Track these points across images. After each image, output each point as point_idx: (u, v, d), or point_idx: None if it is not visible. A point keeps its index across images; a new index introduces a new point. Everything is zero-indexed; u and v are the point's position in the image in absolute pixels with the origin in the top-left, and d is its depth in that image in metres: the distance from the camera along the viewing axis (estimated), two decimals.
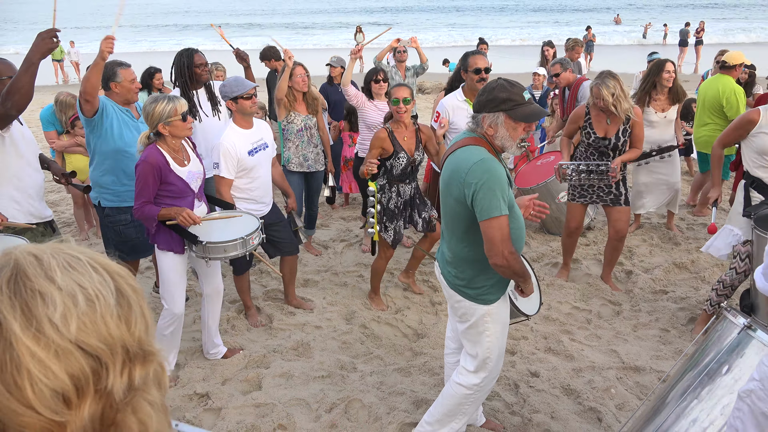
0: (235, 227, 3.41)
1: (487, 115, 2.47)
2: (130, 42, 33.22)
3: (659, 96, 5.33)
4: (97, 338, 0.69)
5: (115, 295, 0.73)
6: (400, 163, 4.12)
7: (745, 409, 1.83)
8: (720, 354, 2.35)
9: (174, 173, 3.26)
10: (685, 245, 5.51)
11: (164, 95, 3.23)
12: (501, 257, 2.41)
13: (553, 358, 3.81)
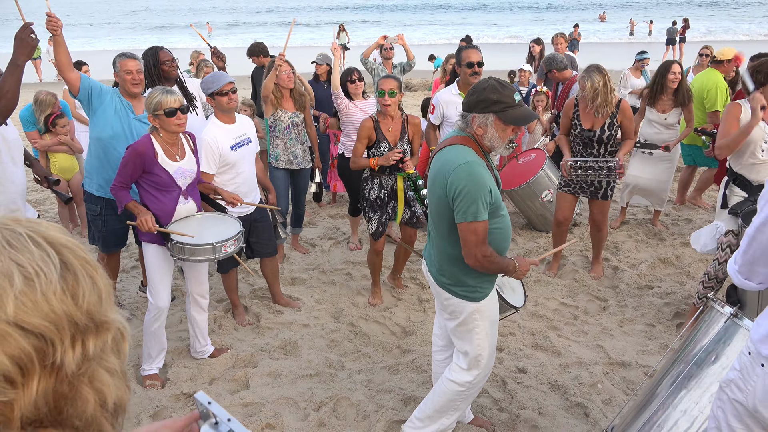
0: (213, 230, 3.36)
1: (477, 116, 2.47)
2: (114, 41, 32.90)
3: (663, 97, 5.37)
4: (38, 317, 0.67)
5: (59, 269, 0.71)
6: (381, 152, 4.13)
7: (725, 399, 1.86)
8: (708, 343, 2.38)
9: (160, 165, 3.26)
10: (670, 241, 5.57)
11: (164, 88, 3.25)
12: (474, 260, 2.46)
13: (540, 354, 3.83)
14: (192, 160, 3.44)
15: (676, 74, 5.26)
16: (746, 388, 1.76)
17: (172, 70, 4.41)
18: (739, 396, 1.78)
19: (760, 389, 1.72)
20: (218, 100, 3.72)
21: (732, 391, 1.82)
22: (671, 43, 20.72)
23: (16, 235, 0.72)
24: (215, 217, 3.55)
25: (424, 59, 14.95)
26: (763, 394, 1.71)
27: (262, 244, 4.20)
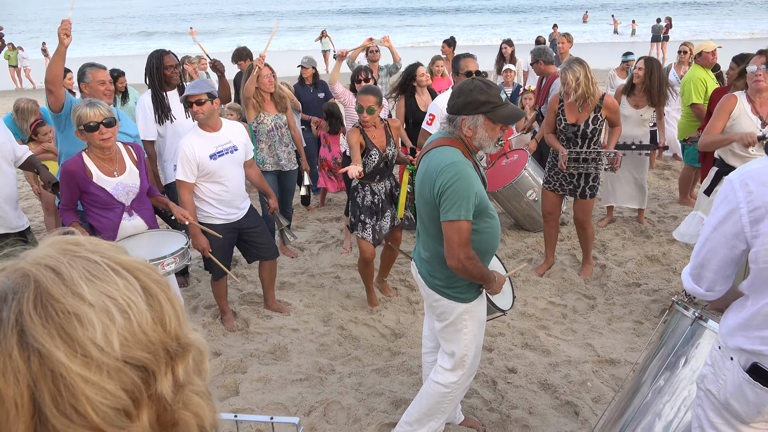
0: (156, 248, 3.23)
1: (466, 118, 2.47)
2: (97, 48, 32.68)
3: (636, 92, 5.48)
4: (140, 349, 0.67)
5: (144, 297, 0.70)
6: (372, 160, 4.10)
7: (702, 395, 1.88)
8: (676, 347, 2.40)
9: (95, 184, 3.16)
10: (656, 238, 5.61)
11: (88, 100, 3.12)
12: (456, 260, 2.43)
13: (530, 353, 3.84)
14: (134, 174, 3.33)
15: (637, 69, 5.45)
16: (718, 382, 1.78)
17: (174, 76, 4.39)
18: (713, 389, 1.80)
19: (731, 382, 1.74)
20: (192, 108, 3.68)
21: (705, 386, 1.84)
22: (656, 40, 20.91)
23: (95, 265, 0.69)
24: (163, 234, 3.44)
25: (409, 61, 14.95)
26: (733, 387, 1.73)
27: (262, 247, 4.16)
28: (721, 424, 1.82)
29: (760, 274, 1.64)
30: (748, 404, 1.72)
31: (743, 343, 1.70)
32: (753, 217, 1.59)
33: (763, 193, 1.57)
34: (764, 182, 1.57)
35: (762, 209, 1.57)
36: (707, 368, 1.86)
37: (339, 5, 57.03)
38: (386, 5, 55.47)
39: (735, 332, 1.74)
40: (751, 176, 1.60)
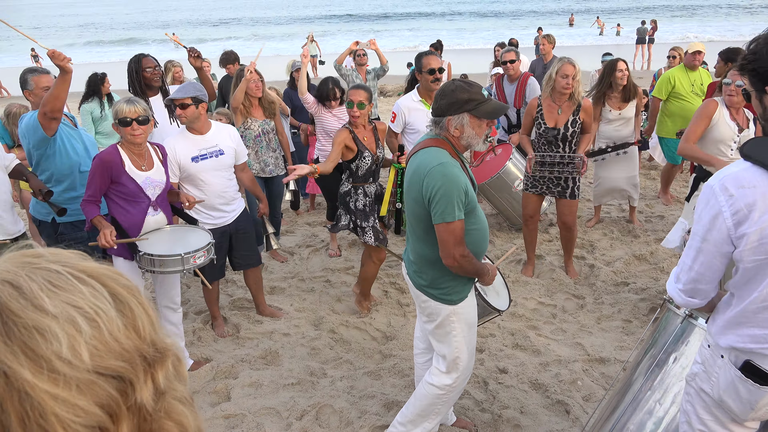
0: (183, 242, 3.33)
1: (451, 118, 2.50)
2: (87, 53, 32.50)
3: (614, 94, 5.52)
4: (113, 358, 0.64)
5: (113, 303, 0.67)
6: (365, 162, 4.10)
7: (692, 392, 1.90)
8: (666, 344, 2.43)
9: (127, 174, 3.25)
10: (644, 237, 5.66)
11: (129, 97, 3.23)
12: (453, 260, 2.47)
13: (520, 353, 3.87)
14: (161, 171, 3.42)
15: (623, 71, 5.44)
16: (710, 380, 1.81)
17: (154, 78, 4.37)
18: (706, 387, 1.83)
19: (723, 380, 1.77)
20: (177, 111, 3.70)
21: (698, 384, 1.87)
22: (641, 42, 21.10)
23: (56, 274, 0.66)
24: (185, 229, 3.52)
25: (396, 64, 15.03)
26: (726, 384, 1.76)
27: (244, 255, 4.15)
28: (710, 421, 1.85)
29: (745, 272, 1.67)
30: (741, 401, 1.74)
31: (734, 342, 1.73)
32: (736, 219, 1.62)
33: (743, 195, 1.60)
34: (743, 185, 1.61)
35: (744, 211, 1.61)
36: (698, 366, 1.88)
37: (325, 11, 57.06)
38: (372, 11, 55.59)
39: (725, 331, 1.76)
40: (729, 180, 1.64)
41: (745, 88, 1.74)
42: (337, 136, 4.08)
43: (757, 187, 1.59)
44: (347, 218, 4.23)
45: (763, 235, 1.59)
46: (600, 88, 5.57)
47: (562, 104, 4.53)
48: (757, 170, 1.60)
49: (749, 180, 1.61)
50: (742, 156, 1.65)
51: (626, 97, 5.50)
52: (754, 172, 1.61)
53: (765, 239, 1.59)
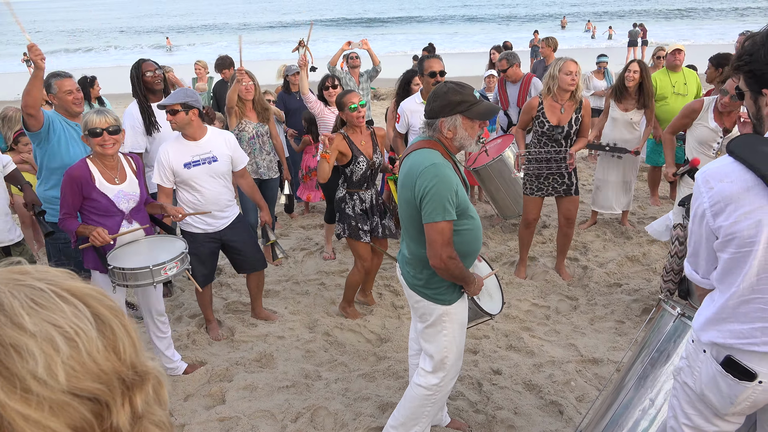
0: (156, 253, 3.28)
1: (444, 120, 2.52)
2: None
3: (627, 95, 5.57)
4: (91, 380, 0.62)
5: (94, 324, 0.65)
6: (360, 167, 4.10)
7: (678, 387, 1.93)
8: (660, 343, 2.46)
9: (97, 189, 3.18)
10: (636, 239, 5.70)
11: (98, 109, 3.17)
12: (439, 260, 2.47)
13: (514, 355, 3.88)
14: (134, 183, 3.36)
15: (632, 72, 5.48)
16: (693, 374, 1.84)
17: (155, 81, 4.38)
18: (689, 382, 1.86)
19: (705, 374, 1.80)
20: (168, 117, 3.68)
21: (682, 378, 1.90)
22: (633, 45, 21.27)
23: (39, 292, 0.64)
24: (161, 240, 3.47)
25: (390, 67, 15.06)
26: (708, 379, 1.79)
27: (248, 260, 4.14)
28: (695, 416, 1.88)
29: (724, 265, 1.71)
30: (722, 395, 1.77)
31: (716, 338, 1.76)
32: (714, 211, 1.69)
33: (721, 189, 1.66)
34: (722, 179, 1.67)
35: (721, 203, 1.66)
36: (683, 361, 1.92)
37: (315, 15, 57.02)
38: (364, 14, 55.66)
39: (707, 327, 1.79)
40: (711, 174, 1.70)
41: (738, 86, 1.77)
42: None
43: (735, 182, 1.64)
44: (341, 226, 4.23)
45: (736, 229, 1.63)
46: (617, 84, 5.68)
47: (564, 103, 4.56)
48: (737, 166, 1.65)
49: (728, 174, 1.66)
50: (727, 151, 1.69)
51: (639, 102, 5.54)
52: (734, 168, 1.65)
53: (738, 233, 1.63)
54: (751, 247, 1.62)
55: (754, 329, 1.68)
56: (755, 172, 1.59)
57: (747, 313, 1.69)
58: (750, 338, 1.69)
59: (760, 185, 1.59)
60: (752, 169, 1.60)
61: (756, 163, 1.60)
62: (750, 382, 1.70)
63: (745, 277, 1.66)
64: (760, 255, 1.62)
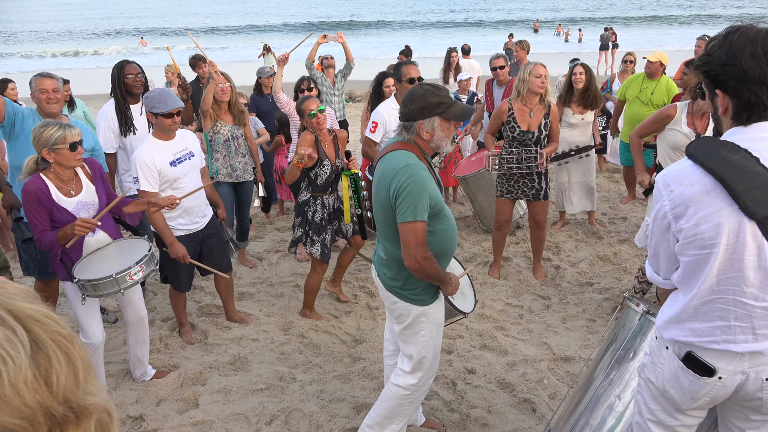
0: (122, 259, 3.22)
1: (423, 122, 2.54)
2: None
3: (575, 98, 5.65)
4: (9, 414, 0.56)
5: (29, 351, 0.60)
6: (324, 171, 4.11)
7: (642, 383, 1.98)
8: (625, 341, 2.51)
9: (56, 204, 3.10)
10: (607, 239, 5.80)
11: (58, 122, 3.08)
12: (414, 261, 2.48)
13: (488, 354, 3.92)
14: (91, 191, 3.28)
15: (578, 75, 5.63)
16: (656, 370, 1.88)
17: (136, 85, 4.33)
18: (652, 377, 1.90)
19: (667, 370, 1.84)
20: (161, 121, 3.63)
21: (646, 374, 1.94)
22: (605, 49, 21.62)
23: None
24: (127, 243, 3.41)
25: (366, 70, 15.05)
26: (670, 375, 1.84)
27: (216, 260, 4.12)
28: (658, 411, 1.92)
29: (686, 267, 1.75)
30: (683, 391, 1.81)
31: (677, 335, 1.81)
32: (674, 214, 1.72)
33: (681, 192, 1.69)
34: (683, 182, 1.70)
35: (681, 206, 1.69)
36: (647, 357, 1.96)
37: (286, 19, 56.67)
38: (339, 19, 55.54)
39: (669, 325, 1.84)
40: (672, 177, 1.73)
41: (701, 86, 1.82)
42: (303, 140, 4.09)
43: (695, 185, 1.67)
44: (300, 231, 4.26)
45: (696, 231, 1.67)
46: (566, 89, 5.76)
47: (533, 107, 4.62)
48: (697, 169, 1.68)
49: (688, 177, 1.69)
50: (686, 154, 1.73)
51: (588, 104, 5.64)
52: (694, 171, 1.68)
53: (699, 235, 1.67)
54: (712, 249, 1.66)
55: (714, 328, 1.73)
56: (714, 175, 1.63)
57: (708, 312, 1.73)
58: (710, 336, 1.73)
59: (719, 188, 1.63)
60: (711, 173, 1.63)
61: (715, 167, 1.63)
62: (710, 377, 1.75)
63: (706, 278, 1.69)
64: (720, 257, 1.65)
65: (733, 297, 1.68)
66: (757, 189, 1.58)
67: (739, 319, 1.69)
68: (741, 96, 1.65)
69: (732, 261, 1.65)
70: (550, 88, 4.67)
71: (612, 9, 53.11)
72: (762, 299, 1.66)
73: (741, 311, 1.68)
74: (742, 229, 1.61)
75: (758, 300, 1.66)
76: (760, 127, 1.65)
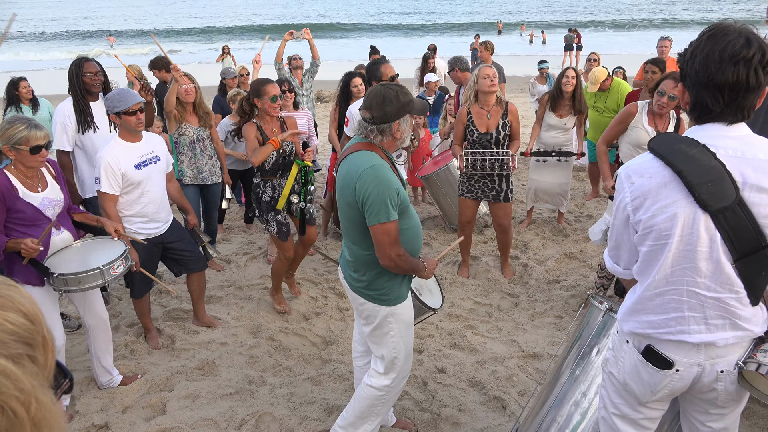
0: (96, 255, 3.22)
1: (399, 122, 2.56)
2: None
3: (563, 102, 5.72)
4: None
5: None
6: (271, 156, 4.16)
7: (605, 377, 2.02)
8: (590, 338, 2.56)
9: (22, 200, 3.05)
10: (573, 236, 5.90)
11: (28, 121, 3.01)
12: (389, 260, 2.51)
13: (458, 353, 3.94)
14: (56, 189, 3.24)
15: (569, 78, 5.65)
16: (618, 364, 1.92)
17: (94, 83, 4.22)
18: (614, 371, 1.94)
19: (628, 364, 1.89)
20: (125, 120, 3.54)
21: (608, 368, 1.98)
22: (569, 50, 22.01)
23: None
24: (96, 242, 3.40)
25: (334, 71, 15.00)
26: (630, 368, 1.88)
27: (188, 259, 4.05)
28: (622, 405, 1.96)
29: (643, 257, 1.80)
30: (643, 384, 1.86)
31: (635, 328, 1.85)
32: (634, 206, 1.77)
33: (642, 184, 1.74)
34: (643, 175, 1.75)
35: (640, 198, 1.74)
36: (609, 352, 2.00)
37: (248, 20, 55.94)
38: (306, 21, 55.19)
39: (627, 317, 1.88)
40: (633, 170, 1.78)
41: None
42: (248, 132, 4.12)
43: (654, 177, 1.72)
44: (253, 211, 4.32)
45: (653, 222, 1.71)
46: (552, 92, 5.80)
47: (490, 109, 4.67)
48: (657, 162, 1.73)
49: (648, 170, 1.74)
50: (648, 148, 1.77)
51: (574, 108, 5.71)
52: (653, 164, 1.73)
53: (655, 226, 1.71)
54: (667, 240, 1.70)
55: (669, 319, 1.77)
56: (672, 167, 1.68)
57: (662, 304, 1.78)
58: (666, 327, 1.78)
59: (676, 180, 1.68)
60: (669, 165, 1.68)
61: (673, 160, 1.68)
62: (668, 370, 1.79)
63: (660, 268, 1.74)
64: (675, 247, 1.70)
65: (687, 288, 1.73)
66: (711, 182, 1.63)
67: (692, 310, 1.74)
68: (692, 94, 1.70)
69: (686, 252, 1.69)
70: (502, 89, 4.74)
71: (575, 14, 54.04)
72: (714, 290, 1.70)
73: (694, 301, 1.73)
74: (697, 220, 1.66)
75: (710, 291, 1.71)
76: (716, 127, 1.69)
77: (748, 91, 1.62)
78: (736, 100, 1.63)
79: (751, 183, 1.62)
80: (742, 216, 1.62)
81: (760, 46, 1.59)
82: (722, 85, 1.61)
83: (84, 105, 4.22)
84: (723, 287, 1.70)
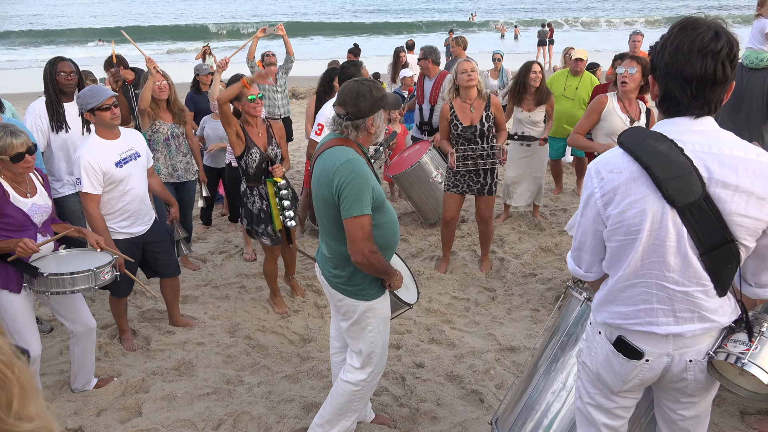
0: (84, 260, 3.19)
1: (373, 117, 2.56)
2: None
3: (527, 96, 5.73)
4: None
5: None
6: (253, 159, 4.10)
7: (580, 368, 2.05)
8: (568, 327, 2.59)
9: (12, 204, 3.00)
10: (549, 230, 5.96)
11: (5, 128, 2.94)
12: (361, 255, 2.49)
13: (436, 347, 3.96)
14: (44, 196, 3.21)
15: (537, 73, 5.68)
16: (591, 354, 1.95)
17: (68, 84, 4.13)
18: (588, 362, 1.97)
19: (600, 354, 1.92)
20: (100, 116, 3.47)
21: (582, 359, 2.01)
22: (542, 44, 22.18)
23: None
24: (80, 251, 3.37)
25: (310, 67, 14.92)
26: (602, 359, 1.91)
27: (163, 264, 4.00)
28: (596, 394, 1.99)
29: (612, 252, 1.82)
30: (614, 374, 1.89)
31: (606, 318, 1.88)
32: (604, 201, 1.77)
33: (611, 179, 1.75)
34: (613, 170, 1.76)
35: (610, 194, 1.75)
36: (583, 342, 2.03)
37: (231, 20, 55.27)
38: (281, 18, 54.68)
39: (599, 308, 1.91)
40: (603, 165, 1.79)
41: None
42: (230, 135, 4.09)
43: (623, 172, 1.73)
44: (245, 221, 4.30)
45: (623, 217, 1.73)
46: (515, 87, 5.78)
47: (473, 102, 4.70)
48: (626, 157, 1.74)
49: (618, 165, 1.75)
50: (618, 143, 1.79)
51: (538, 100, 5.75)
52: (623, 159, 1.75)
53: (625, 221, 1.73)
54: (637, 235, 1.72)
55: (638, 311, 1.80)
56: (640, 163, 1.69)
57: (632, 296, 1.81)
58: (635, 319, 1.81)
59: (644, 176, 1.69)
60: (638, 161, 1.70)
61: (642, 155, 1.69)
62: (638, 360, 1.82)
63: (631, 262, 1.76)
64: (644, 242, 1.72)
65: (656, 281, 1.75)
66: (679, 178, 1.65)
67: (661, 302, 1.77)
68: (661, 86, 1.72)
69: (654, 246, 1.72)
70: (482, 83, 4.78)
71: (549, 13, 54.49)
72: (682, 284, 1.73)
73: (663, 294, 1.76)
74: (665, 216, 1.68)
75: (678, 285, 1.74)
76: (684, 121, 1.72)
77: (715, 84, 1.64)
78: (703, 92, 1.65)
79: (717, 179, 1.64)
80: (708, 211, 1.64)
81: (728, 40, 1.62)
82: (690, 78, 1.64)
83: (57, 104, 4.14)
84: (691, 281, 1.73)
